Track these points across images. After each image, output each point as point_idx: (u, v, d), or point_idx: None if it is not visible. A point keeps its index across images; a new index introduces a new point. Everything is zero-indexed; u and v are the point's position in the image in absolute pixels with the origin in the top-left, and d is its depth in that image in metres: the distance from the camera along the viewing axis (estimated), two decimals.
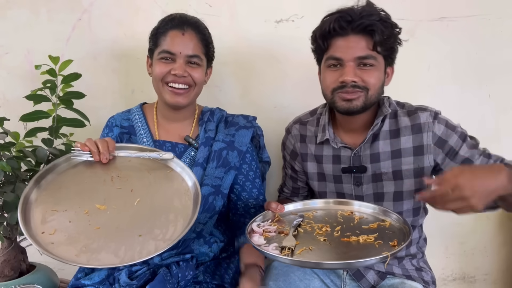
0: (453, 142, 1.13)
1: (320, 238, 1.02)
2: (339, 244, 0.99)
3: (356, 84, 1.10)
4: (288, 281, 1.17)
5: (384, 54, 1.12)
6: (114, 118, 1.36)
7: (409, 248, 1.21)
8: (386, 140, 1.17)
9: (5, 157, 1.24)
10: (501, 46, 1.53)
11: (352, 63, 1.10)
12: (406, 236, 0.97)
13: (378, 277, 1.18)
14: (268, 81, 1.60)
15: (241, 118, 1.38)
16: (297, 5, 1.54)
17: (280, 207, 1.15)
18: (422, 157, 1.15)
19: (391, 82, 1.21)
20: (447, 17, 1.53)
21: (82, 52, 1.59)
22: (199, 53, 1.24)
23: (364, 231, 1.03)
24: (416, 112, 1.16)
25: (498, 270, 1.71)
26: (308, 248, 0.97)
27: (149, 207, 1.05)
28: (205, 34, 1.28)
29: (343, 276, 1.21)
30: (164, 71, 1.22)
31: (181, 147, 1.31)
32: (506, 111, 1.58)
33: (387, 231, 1.03)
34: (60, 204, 1.04)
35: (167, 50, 1.21)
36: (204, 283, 1.16)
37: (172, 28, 1.23)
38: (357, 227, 1.06)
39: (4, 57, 1.60)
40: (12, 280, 1.28)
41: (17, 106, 1.46)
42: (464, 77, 1.56)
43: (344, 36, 1.10)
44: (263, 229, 1.08)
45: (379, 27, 1.07)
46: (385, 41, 1.10)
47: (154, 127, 1.34)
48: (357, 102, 1.11)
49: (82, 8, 1.58)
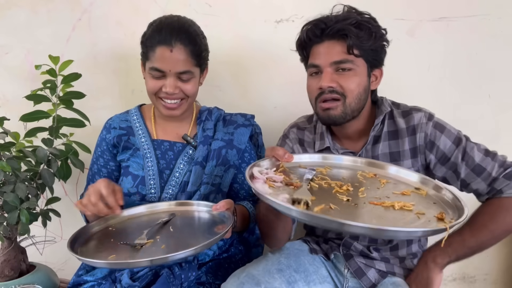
0: (445, 146, 1.11)
1: (343, 197, 0.87)
2: (368, 207, 0.83)
3: (334, 89, 1.09)
4: (298, 262, 1.18)
5: (365, 57, 1.11)
6: (112, 120, 1.36)
7: (410, 246, 1.21)
8: (385, 141, 1.17)
9: (5, 157, 1.24)
10: (501, 46, 1.53)
11: (329, 68, 1.10)
12: (459, 210, 0.81)
13: (379, 275, 1.18)
14: (268, 81, 1.60)
15: (239, 117, 1.38)
16: (297, 5, 1.54)
17: (288, 155, 1.05)
18: (417, 158, 1.15)
19: (392, 82, 1.21)
20: (447, 17, 1.53)
21: (82, 52, 1.59)
22: (190, 68, 1.20)
23: (397, 197, 0.86)
24: (410, 113, 1.15)
25: (498, 270, 1.71)
26: (329, 206, 0.83)
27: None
28: (196, 43, 1.20)
29: (344, 273, 1.21)
30: (156, 86, 1.20)
31: (179, 146, 1.31)
32: (506, 111, 1.58)
33: (427, 200, 0.88)
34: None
35: (156, 68, 1.18)
36: (207, 283, 1.16)
37: (159, 44, 1.17)
38: (385, 191, 0.92)
39: (4, 57, 1.60)
40: (12, 280, 1.28)
41: (17, 106, 1.46)
42: (464, 77, 1.56)
43: (320, 42, 1.12)
44: (266, 176, 0.94)
45: (352, 31, 1.06)
46: (362, 44, 1.08)
47: (152, 126, 1.34)
48: (335, 111, 1.11)
49: (82, 8, 1.58)
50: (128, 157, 1.30)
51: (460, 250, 1.10)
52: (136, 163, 1.29)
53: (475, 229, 1.08)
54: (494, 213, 1.08)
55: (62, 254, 1.70)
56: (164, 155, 1.30)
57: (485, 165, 1.09)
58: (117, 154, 1.34)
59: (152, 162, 1.28)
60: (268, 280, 1.07)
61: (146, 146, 1.30)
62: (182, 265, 1.16)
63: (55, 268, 1.44)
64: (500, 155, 1.11)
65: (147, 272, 1.14)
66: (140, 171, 1.28)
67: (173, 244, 1.00)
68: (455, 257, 1.11)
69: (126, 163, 1.30)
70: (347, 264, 1.20)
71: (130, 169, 1.29)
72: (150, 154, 1.29)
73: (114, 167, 1.35)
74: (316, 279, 1.17)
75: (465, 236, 1.09)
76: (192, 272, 1.14)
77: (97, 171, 1.36)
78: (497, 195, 1.09)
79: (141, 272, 1.15)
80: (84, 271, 1.21)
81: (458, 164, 1.10)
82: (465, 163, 1.10)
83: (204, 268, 1.21)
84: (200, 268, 1.21)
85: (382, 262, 1.18)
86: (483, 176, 1.09)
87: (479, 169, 1.09)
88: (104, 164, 1.35)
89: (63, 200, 1.55)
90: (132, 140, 1.31)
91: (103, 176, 1.36)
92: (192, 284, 1.14)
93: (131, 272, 1.14)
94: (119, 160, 1.33)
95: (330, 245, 1.25)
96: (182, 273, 1.13)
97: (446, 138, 1.11)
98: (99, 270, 1.18)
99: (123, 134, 1.32)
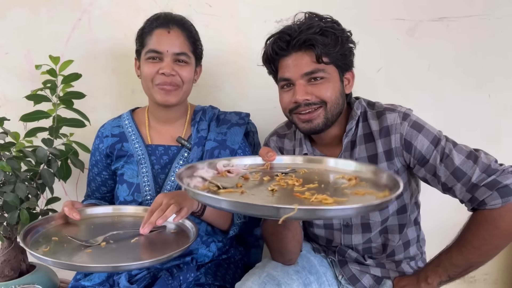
0: (422, 147, 1.04)
1: (270, 188, 0.85)
2: (283, 197, 0.81)
3: (310, 101, 1.06)
4: (309, 263, 1.18)
5: (334, 63, 1.07)
6: (104, 128, 1.35)
7: (408, 249, 1.19)
8: (361, 145, 1.12)
9: (5, 157, 1.24)
10: (501, 46, 1.53)
11: (301, 80, 1.06)
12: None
13: (374, 281, 1.18)
14: (268, 81, 1.60)
15: (233, 115, 1.36)
16: (297, 5, 1.53)
17: (271, 154, 1.02)
18: (393, 161, 1.08)
19: (391, 82, 1.21)
20: (447, 17, 1.53)
21: (82, 52, 1.59)
22: (186, 51, 1.23)
23: (339, 195, 0.80)
24: (384, 113, 1.09)
25: (498, 270, 1.71)
26: (238, 191, 0.83)
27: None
28: (191, 31, 1.26)
29: (339, 279, 1.21)
30: (152, 71, 1.20)
31: (174, 149, 1.29)
32: (506, 111, 1.58)
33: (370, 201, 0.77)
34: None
35: (153, 49, 1.20)
36: (206, 285, 1.16)
37: (157, 27, 1.21)
38: (337, 190, 0.86)
39: (4, 57, 1.60)
40: (12, 280, 1.28)
41: (17, 106, 1.46)
42: (464, 77, 1.56)
43: (287, 55, 1.07)
44: (228, 169, 0.94)
45: (318, 40, 1.03)
46: (330, 51, 1.04)
47: (145, 131, 1.32)
48: (318, 120, 1.08)
49: (82, 8, 1.58)
50: (123, 165, 1.28)
51: (450, 269, 1.05)
52: (130, 170, 1.27)
53: (462, 247, 1.03)
54: (478, 228, 1.00)
55: None
56: (159, 160, 1.28)
57: (466, 169, 0.99)
58: (111, 164, 1.32)
59: (147, 168, 1.25)
60: (287, 281, 1.07)
61: (140, 152, 1.27)
62: (180, 266, 1.16)
63: (55, 268, 1.44)
64: (485, 156, 1.01)
65: (145, 275, 1.14)
66: (135, 178, 1.25)
67: (122, 253, 0.95)
68: (447, 276, 1.07)
69: (120, 170, 1.29)
70: (342, 271, 1.20)
71: (125, 176, 1.27)
72: (144, 160, 1.26)
73: (108, 176, 1.35)
74: (326, 281, 1.18)
75: (453, 254, 1.05)
76: (190, 273, 1.14)
77: (93, 178, 1.37)
78: (481, 207, 0.99)
79: (139, 275, 1.15)
80: (82, 275, 1.20)
81: (437, 167, 1.02)
82: (444, 165, 1.01)
83: (203, 269, 1.20)
84: (199, 269, 1.21)
85: (377, 267, 1.18)
86: (463, 181, 1.00)
87: (458, 173, 1.00)
88: (98, 173, 1.35)
89: (63, 200, 1.54)
90: (126, 147, 1.29)
91: (97, 184, 1.37)
92: (191, 285, 1.14)
93: (129, 275, 1.14)
94: (114, 169, 1.32)
95: (327, 250, 1.25)
96: (181, 275, 1.13)
97: (424, 138, 1.04)
98: (96, 274, 1.17)
99: (116, 142, 1.30)
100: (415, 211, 1.21)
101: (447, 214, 1.05)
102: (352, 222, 1.16)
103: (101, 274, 1.16)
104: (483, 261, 1.03)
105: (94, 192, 1.38)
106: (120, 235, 1.03)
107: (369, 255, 1.19)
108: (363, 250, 1.18)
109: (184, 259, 1.18)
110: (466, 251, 1.02)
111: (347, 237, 1.17)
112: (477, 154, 1.01)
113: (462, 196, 1.02)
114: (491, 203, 0.97)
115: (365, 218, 1.14)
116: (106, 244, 0.98)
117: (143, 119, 1.34)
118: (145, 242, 1.02)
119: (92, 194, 1.39)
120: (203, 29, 1.31)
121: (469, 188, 1.00)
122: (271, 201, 0.80)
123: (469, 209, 1.05)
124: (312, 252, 1.24)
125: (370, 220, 1.14)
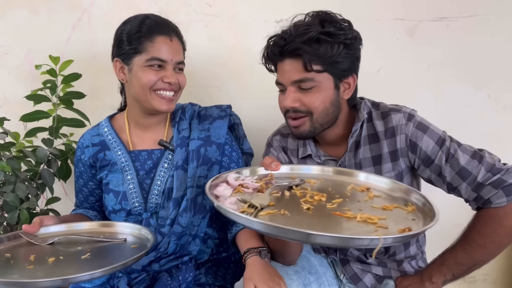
0: (427, 147, 1.05)
1: (305, 206, 0.84)
2: (325, 216, 0.79)
3: (297, 109, 1.06)
4: (309, 264, 1.17)
5: (329, 71, 1.04)
6: (84, 138, 1.29)
7: (408, 249, 1.20)
8: (366, 145, 1.12)
9: (5, 157, 1.24)
10: (501, 46, 1.53)
11: (292, 87, 1.06)
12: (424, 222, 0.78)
13: (376, 280, 1.18)
14: (268, 81, 1.60)
15: (214, 109, 1.33)
16: (297, 5, 1.54)
17: (275, 164, 1.02)
18: (398, 161, 1.09)
19: (391, 82, 1.21)
20: (447, 17, 1.53)
21: (82, 52, 1.59)
22: (183, 58, 1.22)
23: (372, 211, 0.81)
24: (389, 114, 1.09)
25: (498, 270, 1.71)
26: (280, 212, 0.80)
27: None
28: (182, 38, 1.24)
29: (341, 278, 1.21)
30: (154, 79, 1.14)
31: (158, 153, 1.25)
32: (506, 111, 1.58)
33: (408, 216, 0.81)
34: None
35: (157, 58, 1.14)
36: (206, 285, 1.16)
37: (159, 34, 1.15)
38: (365, 204, 0.87)
39: (4, 57, 1.60)
40: None
41: (17, 106, 1.46)
42: (464, 77, 1.56)
43: (282, 60, 1.07)
44: (240, 183, 0.92)
45: (306, 49, 1.00)
46: (322, 59, 1.01)
47: (126, 137, 1.27)
48: (304, 128, 1.08)
49: (82, 8, 1.58)
50: (107, 173, 1.24)
51: (454, 268, 1.06)
52: (115, 178, 1.23)
53: (467, 245, 1.04)
54: (483, 226, 1.01)
55: None
56: (143, 165, 1.24)
57: (471, 168, 1.00)
58: (96, 173, 1.28)
59: (132, 175, 1.22)
60: (287, 281, 1.05)
61: (124, 159, 1.23)
62: (179, 267, 1.16)
63: None
64: (489, 156, 1.02)
65: (145, 277, 1.14)
66: (120, 187, 1.22)
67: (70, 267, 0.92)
68: (451, 275, 1.07)
69: (105, 179, 1.25)
70: (343, 270, 1.20)
71: (110, 185, 1.23)
72: (128, 167, 1.22)
73: (95, 185, 1.30)
74: (326, 281, 1.18)
75: (458, 252, 1.05)
76: (189, 273, 1.14)
77: (79, 189, 1.32)
78: (486, 205, 1.00)
79: (138, 277, 1.14)
80: None
81: (442, 167, 1.03)
82: (449, 165, 1.03)
83: (204, 269, 1.20)
84: (199, 268, 1.20)
85: (379, 266, 1.18)
86: (469, 181, 1.01)
87: (464, 173, 1.01)
88: (84, 184, 1.30)
89: (63, 200, 1.55)
90: (108, 155, 1.24)
91: (85, 194, 1.32)
92: (190, 285, 1.13)
93: (128, 278, 1.14)
94: (99, 179, 1.28)
95: (328, 249, 1.25)
96: (180, 275, 1.12)
97: (429, 139, 1.05)
98: None
99: (98, 151, 1.25)
100: None
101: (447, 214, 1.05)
102: None
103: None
104: (487, 259, 1.04)
105: (82, 203, 1.34)
106: (71, 246, 1.01)
107: (370, 254, 1.19)
108: (366, 249, 1.18)
109: (182, 259, 1.18)
110: (471, 249, 1.03)
111: None
112: (482, 154, 1.02)
113: (467, 196, 1.03)
114: (496, 202, 0.98)
115: None
116: (55, 260, 0.94)
117: (123, 125, 1.28)
118: (96, 256, 0.97)
119: (81, 205, 1.35)
120: (203, 29, 1.31)
121: (474, 187, 1.01)
122: (316, 222, 0.77)
123: (473, 208, 1.06)
124: (312, 252, 1.24)
125: None
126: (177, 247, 1.17)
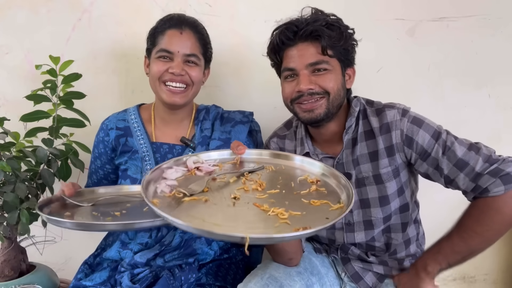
0: (424, 141, 1.06)
1: (237, 194, 0.88)
2: (242, 206, 0.83)
3: (314, 91, 1.08)
4: (311, 264, 1.18)
5: (337, 57, 1.10)
6: (109, 120, 1.35)
7: (408, 247, 1.20)
8: (362, 142, 1.14)
9: (5, 157, 1.24)
10: (501, 46, 1.53)
11: (306, 71, 1.09)
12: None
13: (377, 279, 1.18)
14: (268, 81, 1.60)
15: (237, 114, 1.38)
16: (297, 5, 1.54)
17: (241, 147, 1.08)
18: (394, 157, 1.10)
19: (391, 82, 1.21)
20: (447, 17, 1.53)
21: (82, 52, 1.59)
22: (197, 52, 1.24)
23: (297, 206, 0.84)
24: (383, 110, 1.11)
25: (498, 270, 1.71)
26: (202, 199, 0.85)
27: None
28: (203, 34, 1.28)
29: (342, 277, 1.21)
30: (161, 69, 1.22)
31: (179, 148, 1.30)
32: (506, 111, 1.58)
33: (325, 215, 0.83)
34: None
35: (165, 49, 1.22)
36: (207, 285, 1.16)
37: (170, 27, 1.23)
38: (296, 197, 0.90)
39: (4, 57, 1.60)
40: (12, 280, 1.28)
41: (17, 106, 1.46)
42: (464, 77, 1.57)
43: (293, 45, 1.10)
44: (198, 166, 0.97)
45: (325, 32, 1.06)
46: (335, 44, 1.08)
47: (151, 128, 1.33)
48: (320, 110, 1.09)
49: (82, 8, 1.58)
50: (126, 160, 1.29)
51: (450, 256, 1.06)
52: (134, 166, 1.28)
53: (463, 233, 1.04)
54: (480, 214, 1.01)
55: (62, 254, 1.70)
56: (164, 158, 1.28)
57: (468, 159, 1.02)
58: (115, 158, 1.33)
59: (151, 165, 1.26)
60: (289, 283, 1.07)
61: (145, 148, 1.28)
62: (182, 267, 1.16)
63: (55, 268, 1.44)
64: (485, 148, 1.04)
65: (147, 274, 1.14)
66: (138, 174, 1.26)
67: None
68: (446, 264, 1.07)
69: (124, 165, 1.30)
70: (344, 268, 1.20)
71: (129, 172, 1.28)
72: (149, 157, 1.27)
73: (111, 169, 1.36)
74: (328, 281, 1.18)
75: (454, 240, 1.05)
76: (192, 273, 1.14)
77: (94, 171, 1.38)
78: (484, 194, 1.01)
79: (141, 274, 1.15)
80: (83, 275, 1.20)
81: (439, 159, 1.05)
82: (446, 157, 1.04)
83: (204, 270, 1.21)
84: (200, 269, 1.21)
85: (380, 265, 1.18)
86: (466, 171, 1.02)
87: (461, 164, 1.02)
88: (101, 165, 1.35)
89: None
90: (130, 142, 1.30)
91: (99, 176, 1.38)
92: (192, 285, 1.14)
93: (131, 274, 1.14)
94: (117, 164, 1.33)
95: (329, 248, 1.25)
96: (182, 275, 1.13)
97: (425, 133, 1.06)
98: (97, 274, 1.17)
99: (121, 135, 1.31)
100: (415, 209, 1.23)
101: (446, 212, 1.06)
102: (354, 220, 1.16)
103: (102, 273, 1.17)
104: (483, 248, 1.04)
105: (95, 185, 1.39)
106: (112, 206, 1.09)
107: (372, 252, 1.19)
108: (367, 247, 1.19)
109: (186, 260, 1.18)
110: (468, 237, 1.03)
111: (350, 236, 1.18)
112: (478, 146, 1.04)
113: (465, 187, 1.04)
114: (494, 190, 0.99)
115: (366, 215, 1.15)
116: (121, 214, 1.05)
117: (149, 116, 1.35)
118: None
119: (93, 186, 1.38)
120: None
121: (473, 177, 1.02)
122: (231, 213, 0.82)
123: (469, 199, 1.06)
124: (313, 252, 1.24)
125: (372, 217, 1.14)
126: (181, 241, 1.18)
